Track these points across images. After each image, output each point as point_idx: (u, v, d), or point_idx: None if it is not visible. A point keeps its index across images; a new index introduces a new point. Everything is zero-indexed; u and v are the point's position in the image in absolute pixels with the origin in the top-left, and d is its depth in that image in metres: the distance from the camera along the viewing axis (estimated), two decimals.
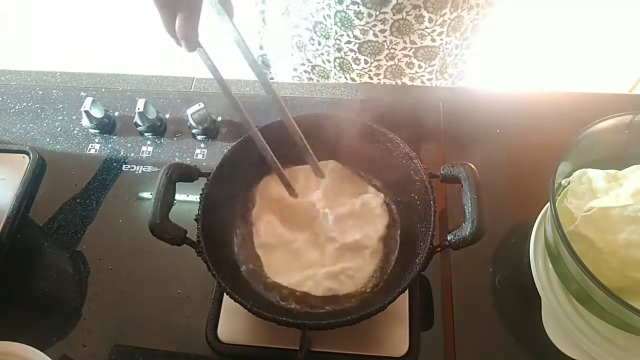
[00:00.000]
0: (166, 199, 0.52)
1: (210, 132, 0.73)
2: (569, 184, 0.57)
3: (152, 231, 0.51)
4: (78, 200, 0.69)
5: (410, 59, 0.80)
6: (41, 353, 0.53)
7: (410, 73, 0.83)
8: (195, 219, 0.53)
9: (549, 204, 0.50)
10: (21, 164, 0.71)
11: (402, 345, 0.56)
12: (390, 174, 0.61)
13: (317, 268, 0.57)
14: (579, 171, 0.57)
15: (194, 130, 0.73)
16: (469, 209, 0.49)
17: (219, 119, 0.75)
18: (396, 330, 0.57)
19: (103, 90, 0.79)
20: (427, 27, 0.75)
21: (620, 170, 0.57)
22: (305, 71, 0.88)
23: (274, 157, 0.54)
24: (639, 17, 1.58)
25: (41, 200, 0.69)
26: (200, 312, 0.59)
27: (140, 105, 0.71)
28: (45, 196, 0.70)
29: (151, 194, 0.53)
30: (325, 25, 0.77)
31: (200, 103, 0.71)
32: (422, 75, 0.84)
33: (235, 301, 0.50)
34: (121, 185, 0.70)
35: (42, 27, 2.00)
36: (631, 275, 0.49)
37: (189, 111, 0.71)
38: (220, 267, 0.51)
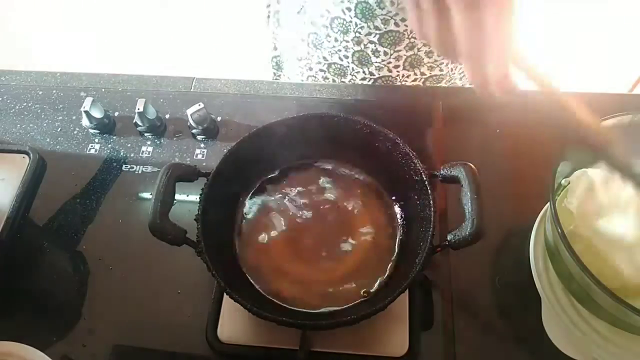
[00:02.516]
0: (166, 199, 0.52)
1: (210, 132, 0.73)
2: (568, 183, 0.57)
3: (152, 231, 0.51)
4: (78, 200, 0.69)
5: (429, 47, 0.79)
6: (41, 353, 0.53)
7: (429, 62, 0.82)
8: (195, 219, 0.53)
9: (549, 204, 0.50)
10: (21, 164, 0.71)
11: (402, 345, 0.56)
12: (390, 174, 0.61)
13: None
14: (579, 171, 0.57)
15: (194, 130, 0.73)
16: (469, 209, 0.49)
17: (219, 119, 0.75)
18: (396, 330, 0.57)
19: (103, 90, 0.79)
20: None
21: None
22: (321, 70, 0.88)
23: None
24: (639, 17, 1.58)
25: (41, 200, 0.69)
26: (200, 312, 0.59)
27: (140, 105, 0.71)
28: (45, 196, 0.70)
29: (151, 194, 0.53)
30: (344, 20, 0.77)
31: (200, 103, 0.71)
32: (441, 63, 0.83)
33: (235, 301, 0.50)
34: (121, 185, 0.70)
35: (42, 27, 2.00)
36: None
37: (189, 111, 0.71)
38: (220, 267, 0.51)
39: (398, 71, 0.83)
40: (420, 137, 0.71)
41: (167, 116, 0.76)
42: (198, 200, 0.55)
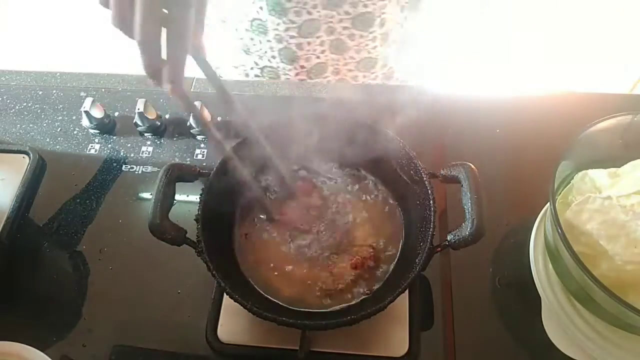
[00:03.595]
0: (166, 199, 0.52)
1: None
2: (569, 184, 0.57)
3: (152, 231, 0.51)
4: (78, 200, 0.69)
5: (350, 30, 0.79)
6: (41, 353, 0.53)
7: (353, 45, 0.82)
8: (195, 219, 0.53)
9: (549, 204, 0.50)
10: (21, 164, 0.71)
11: (402, 345, 0.56)
12: (390, 174, 0.61)
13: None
14: (580, 173, 0.57)
15: (193, 130, 0.73)
16: (469, 209, 0.49)
17: (219, 119, 0.75)
18: (396, 330, 0.57)
19: (103, 90, 0.79)
20: None
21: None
22: (257, 75, 0.88)
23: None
24: (639, 17, 1.58)
25: (41, 200, 0.69)
26: (200, 312, 0.59)
27: (140, 105, 0.71)
28: (45, 196, 0.70)
29: (151, 194, 0.53)
30: (261, 20, 0.76)
31: (200, 103, 0.71)
32: (367, 44, 0.82)
33: (235, 301, 0.50)
34: (121, 185, 0.70)
35: (42, 27, 2.00)
36: (630, 269, 0.49)
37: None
38: (220, 267, 0.51)
39: (326, 56, 0.83)
40: (420, 137, 0.71)
41: (167, 116, 0.76)
42: (198, 200, 0.55)
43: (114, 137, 0.74)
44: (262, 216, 0.61)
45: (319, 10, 0.74)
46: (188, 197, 0.67)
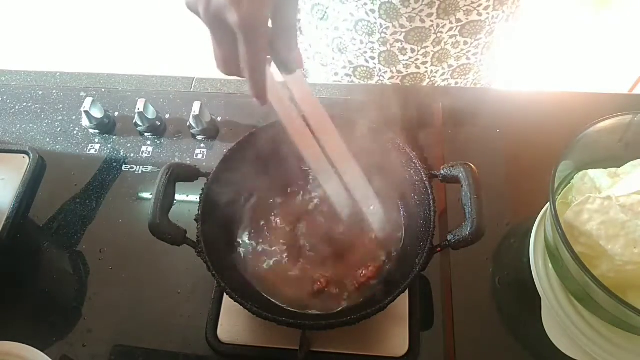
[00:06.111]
0: (166, 199, 0.52)
1: (210, 132, 0.73)
2: (569, 184, 0.58)
3: (152, 231, 0.51)
4: (78, 200, 0.69)
5: (456, 38, 0.79)
6: (41, 353, 0.53)
7: (455, 53, 0.82)
8: (195, 219, 0.53)
9: (549, 204, 0.50)
10: (21, 164, 0.71)
11: (402, 345, 0.56)
12: (390, 175, 0.61)
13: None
14: (580, 173, 0.57)
15: (193, 130, 0.73)
16: (469, 209, 0.49)
17: (219, 119, 0.75)
18: (396, 330, 0.57)
19: (103, 90, 0.79)
20: (473, 2, 0.74)
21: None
22: (347, 74, 0.87)
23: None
24: (638, 17, 1.58)
25: (41, 200, 0.69)
26: (200, 312, 0.59)
27: (140, 105, 0.71)
28: (45, 196, 0.70)
29: (151, 194, 0.53)
30: (369, 22, 0.76)
31: (200, 103, 0.71)
32: (468, 51, 0.82)
33: (235, 301, 0.50)
34: (121, 185, 0.70)
35: (42, 27, 2.00)
36: (630, 269, 0.49)
37: (189, 111, 0.71)
38: (220, 267, 0.51)
39: (426, 67, 0.83)
40: (420, 137, 0.71)
41: (167, 116, 0.76)
42: (198, 200, 0.55)
43: (114, 137, 0.74)
44: (262, 215, 0.61)
45: (432, 20, 0.75)
46: (188, 197, 0.67)
